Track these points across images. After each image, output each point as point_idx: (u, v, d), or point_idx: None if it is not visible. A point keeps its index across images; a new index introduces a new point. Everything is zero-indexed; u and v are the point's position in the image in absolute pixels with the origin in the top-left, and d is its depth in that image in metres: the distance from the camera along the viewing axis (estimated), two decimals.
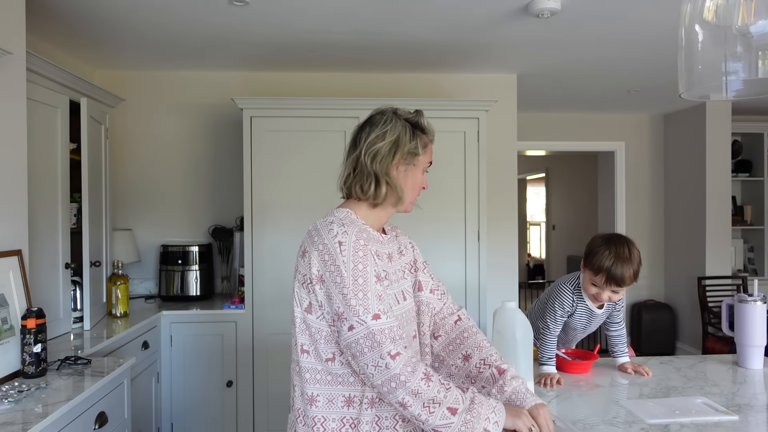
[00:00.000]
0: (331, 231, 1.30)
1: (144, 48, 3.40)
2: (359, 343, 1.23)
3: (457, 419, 1.20)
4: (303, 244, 1.36)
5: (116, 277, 3.09)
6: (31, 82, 2.35)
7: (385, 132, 1.37)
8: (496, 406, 1.25)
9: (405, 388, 1.20)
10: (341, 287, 1.25)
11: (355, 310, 1.23)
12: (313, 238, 1.32)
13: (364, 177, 1.37)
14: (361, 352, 1.22)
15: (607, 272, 1.93)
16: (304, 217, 3.34)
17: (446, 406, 1.21)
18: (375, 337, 1.22)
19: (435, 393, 1.21)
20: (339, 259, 1.26)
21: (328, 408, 1.31)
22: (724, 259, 5.12)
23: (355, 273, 1.26)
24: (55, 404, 1.70)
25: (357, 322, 1.23)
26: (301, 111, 3.35)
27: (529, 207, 10.89)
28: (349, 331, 1.24)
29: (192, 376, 3.32)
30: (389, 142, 1.37)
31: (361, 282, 1.25)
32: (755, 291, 2.14)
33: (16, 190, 2.16)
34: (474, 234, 3.44)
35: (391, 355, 1.21)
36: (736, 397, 1.77)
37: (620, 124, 5.75)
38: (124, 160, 3.89)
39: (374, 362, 1.21)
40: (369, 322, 1.23)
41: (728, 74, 1.34)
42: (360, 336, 1.22)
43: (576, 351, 2.18)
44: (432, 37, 3.20)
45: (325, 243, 1.29)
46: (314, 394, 1.32)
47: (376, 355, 1.21)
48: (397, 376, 1.20)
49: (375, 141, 1.37)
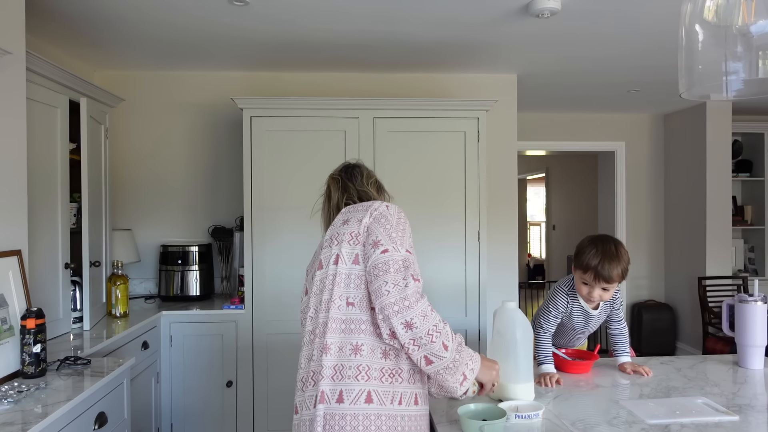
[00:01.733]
0: (377, 203, 1.51)
1: (144, 48, 3.40)
2: (387, 264, 1.37)
3: (448, 355, 1.38)
4: (342, 217, 1.54)
5: (116, 277, 3.09)
6: (31, 82, 2.35)
7: None
8: (473, 355, 1.46)
9: (417, 308, 1.34)
10: (385, 226, 1.44)
11: (393, 240, 1.41)
12: (358, 210, 1.52)
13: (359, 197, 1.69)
14: (386, 270, 1.36)
15: (595, 270, 1.96)
16: (304, 217, 3.34)
17: (442, 339, 1.36)
18: (405, 262, 1.38)
19: (437, 321, 1.37)
20: (387, 213, 1.48)
21: (371, 357, 1.42)
22: (724, 259, 5.12)
23: (398, 222, 1.47)
24: (54, 404, 1.70)
25: (393, 248, 1.39)
26: (301, 111, 3.35)
27: (529, 207, 10.89)
28: (382, 254, 1.39)
29: (192, 376, 3.32)
30: None
31: (402, 229, 1.46)
32: (755, 291, 2.13)
33: (16, 190, 2.16)
34: (474, 234, 3.44)
35: (414, 278, 1.37)
36: (737, 398, 1.77)
37: (620, 124, 5.75)
38: (124, 161, 3.88)
39: (395, 281, 1.35)
40: (403, 252, 1.40)
41: (728, 74, 1.34)
42: (391, 258, 1.37)
43: (576, 351, 2.18)
44: (432, 37, 3.20)
45: (375, 206, 1.50)
46: (359, 344, 1.42)
47: (400, 276, 1.36)
48: (414, 294, 1.35)
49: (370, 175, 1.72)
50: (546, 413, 1.63)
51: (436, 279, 3.40)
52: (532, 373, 1.74)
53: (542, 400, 1.73)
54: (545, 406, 1.67)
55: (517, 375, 1.70)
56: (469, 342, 3.42)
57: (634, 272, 5.74)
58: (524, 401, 1.68)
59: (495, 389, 1.55)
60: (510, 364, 1.70)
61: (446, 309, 3.41)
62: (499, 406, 1.63)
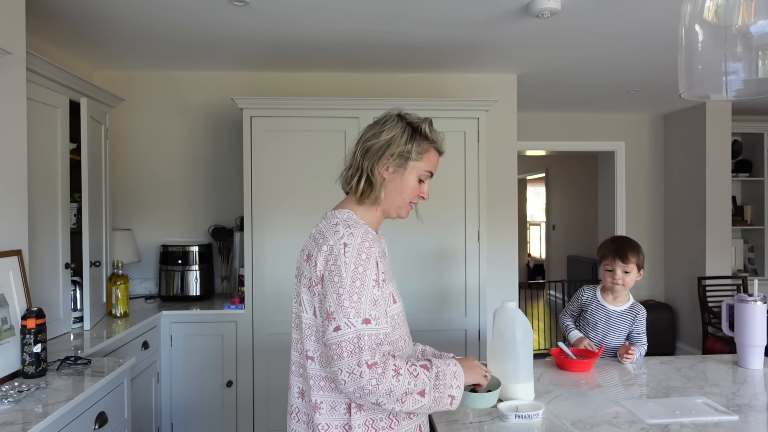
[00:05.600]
0: (337, 233, 1.30)
1: (144, 48, 3.40)
2: (340, 346, 1.21)
3: (426, 399, 1.26)
4: (307, 249, 1.37)
5: (116, 277, 3.09)
6: (31, 82, 2.35)
7: (382, 131, 1.39)
8: (456, 371, 1.33)
9: (377, 393, 1.20)
10: (337, 287, 1.25)
11: (346, 311, 1.23)
12: (318, 242, 1.33)
13: (353, 171, 1.40)
14: (340, 355, 1.21)
15: (613, 250, 2.28)
16: (304, 217, 3.34)
17: (416, 392, 1.24)
18: (359, 342, 1.21)
19: (406, 386, 1.23)
20: (341, 260, 1.26)
21: (331, 415, 1.31)
22: (724, 259, 5.12)
23: (354, 275, 1.25)
24: (55, 404, 1.70)
25: (345, 323, 1.22)
26: (301, 111, 3.35)
27: (529, 207, 10.89)
28: (335, 332, 1.22)
29: (192, 376, 3.32)
30: (383, 140, 1.38)
31: (359, 285, 1.25)
32: (755, 291, 2.14)
33: (16, 190, 2.16)
34: (474, 234, 3.44)
35: (368, 365, 1.20)
36: (736, 397, 1.77)
37: (620, 124, 5.75)
38: (124, 160, 3.89)
39: (350, 369, 1.20)
40: (358, 325, 1.22)
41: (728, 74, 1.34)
42: (344, 338, 1.21)
43: (579, 350, 2.18)
44: (432, 37, 3.20)
45: (330, 245, 1.29)
46: (318, 402, 1.32)
47: (353, 361, 1.20)
48: (369, 383, 1.19)
49: (370, 138, 1.39)
50: (546, 413, 1.64)
51: (436, 279, 3.40)
52: (532, 373, 1.74)
53: (542, 400, 1.73)
54: (545, 406, 1.67)
55: (517, 375, 1.70)
56: (470, 342, 3.42)
57: None
58: (524, 401, 1.68)
59: (488, 378, 1.46)
60: (510, 364, 1.70)
61: (446, 309, 3.41)
62: (498, 406, 1.64)
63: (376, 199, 1.39)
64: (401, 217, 1.46)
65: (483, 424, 1.57)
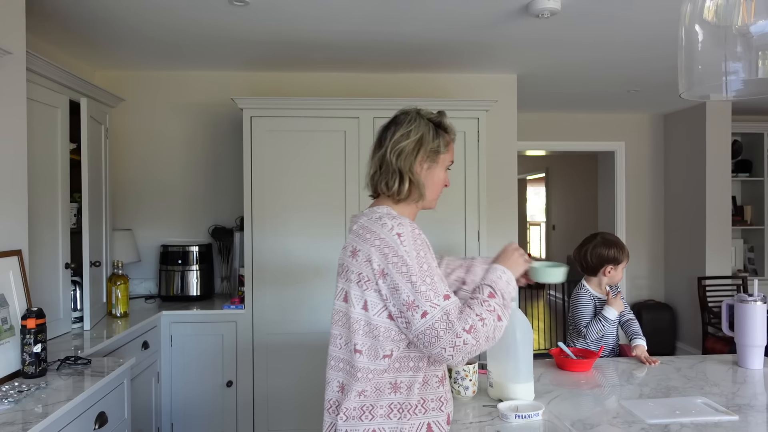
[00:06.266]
0: (385, 225, 1.34)
1: (144, 48, 3.40)
2: (434, 328, 1.26)
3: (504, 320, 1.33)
4: (351, 245, 1.39)
5: (116, 277, 3.09)
6: (31, 82, 2.35)
7: (410, 131, 1.44)
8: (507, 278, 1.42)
9: (481, 346, 1.28)
10: (408, 276, 1.28)
11: (426, 296, 1.27)
12: (364, 237, 1.36)
13: (389, 174, 1.43)
14: (437, 336, 1.25)
15: (626, 253, 2.42)
16: (304, 216, 3.35)
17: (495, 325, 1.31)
18: (448, 318, 1.26)
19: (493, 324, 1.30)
20: (401, 250, 1.30)
21: (377, 396, 1.34)
22: (724, 259, 5.12)
23: (419, 261, 1.30)
24: (55, 404, 1.70)
25: (430, 306, 1.27)
26: (301, 111, 3.35)
27: (529, 207, 10.89)
28: (423, 318, 1.26)
29: (192, 376, 3.32)
30: (413, 140, 1.43)
31: (426, 268, 1.30)
32: (755, 291, 2.14)
33: (16, 190, 2.16)
34: (474, 234, 3.44)
35: (466, 330, 1.26)
36: (736, 397, 1.77)
37: (620, 124, 5.75)
38: (124, 160, 3.89)
39: (452, 343, 1.25)
40: (442, 303, 1.27)
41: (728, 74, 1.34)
42: (435, 320, 1.26)
43: (578, 350, 2.19)
44: (432, 37, 3.20)
45: (381, 237, 1.33)
46: (363, 389, 1.35)
47: (452, 336, 1.25)
48: (472, 347, 1.27)
49: (400, 140, 1.43)
50: (546, 413, 1.64)
51: None
52: (532, 373, 1.74)
53: (542, 400, 1.73)
54: (545, 406, 1.67)
55: (517, 375, 1.70)
56: None
57: (634, 272, 5.74)
58: (524, 401, 1.68)
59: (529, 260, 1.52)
60: (510, 364, 1.70)
61: None
62: (498, 406, 1.64)
63: (420, 195, 1.45)
64: (431, 208, 1.55)
65: (483, 424, 1.57)
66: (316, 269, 3.36)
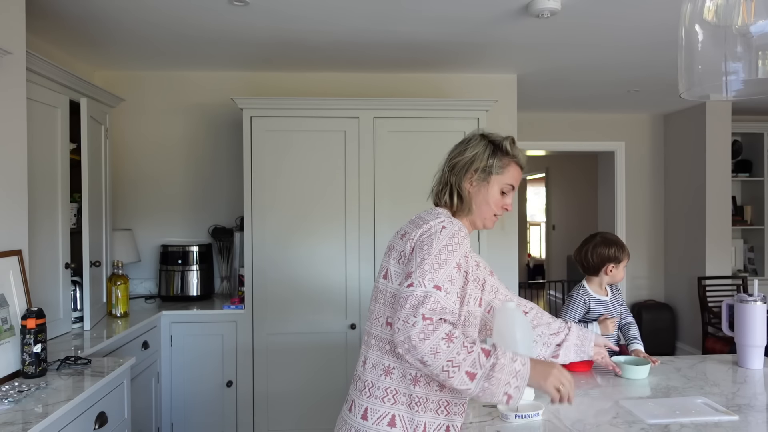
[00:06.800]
0: (438, 217, 1.43)
1: (144, 48, 3.40)
2: (407, 299, 1.28)
3: (473, 385, 1.25)
4: (403, 229, 1.48)
5: (116, 277, 3.09)
6: (31, 82, 2.35)
7: (466, 149, 1.54)
8: (519, 371, 1.29)
9: (424, 347, 1.24)
10: (424, 254, 1.34)
11: (423, 273, 1.31)
12: (417, 222, 1.45)
13: (442, 186, 1.55)
14: (402, 306, 1.28)
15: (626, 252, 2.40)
16: (304, 216, 3.35)
17: (465, 369, 1.25)
18: (424, 300, 1.27)
19: (454, 355, 1.24)
20: (435, 236, 1.37)
21: (401, 382, 1.38)
22: (724, 259, 5.12)
23: (442, 249, 1.34)
24: (55, 404, 1.70)
25: (419, 283, 1.30)
26: (301, 111, 3.35)
27: (529, 207, 10.89)
28: (407, 287, 1.30)
29: (192, 376, 3.32)
30: (467, 158, 1.52)
31: (443, 258, 1.33)
32: (755, 291, 2.14)
33: (16, 190, 2.16)
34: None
35: (423, 317, 1.25)
36: (736, 397, 1.77)
37: (620, 124, 5.75)
38: (124, 160, 3.89)
39: (405, 317, 1.26)
40: (429, 288, 1.29)
41: (728, 74, 1.34)
42: (412, 294, 1.28)
43: None
44: (432, 37, 3.20)
45: (429, 224, 1.41)
46: (391, 366, 1.39)
47: (411, 312, 1.26)
48: (417, 335, 1.24)
49: (456, 156, 1.55)
50: (546, 413, 1.64)
51: None
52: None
53: (542, 400, 1.73)
54: (545, 406, 1.67)
55: None
56: None
57: (634, 272, 5.74)
58: (524, 401, 1.68)
59: (571, 395, 1.36)
60: None
61: None
62: (498, 406, 1.64)
63: (468, 210, 1.52)
64: (487, 227, 1.59)
65: (483, 424, 1.57)
66: (316, 269, 3.36)
